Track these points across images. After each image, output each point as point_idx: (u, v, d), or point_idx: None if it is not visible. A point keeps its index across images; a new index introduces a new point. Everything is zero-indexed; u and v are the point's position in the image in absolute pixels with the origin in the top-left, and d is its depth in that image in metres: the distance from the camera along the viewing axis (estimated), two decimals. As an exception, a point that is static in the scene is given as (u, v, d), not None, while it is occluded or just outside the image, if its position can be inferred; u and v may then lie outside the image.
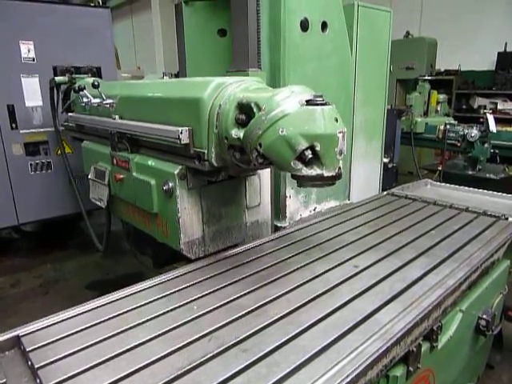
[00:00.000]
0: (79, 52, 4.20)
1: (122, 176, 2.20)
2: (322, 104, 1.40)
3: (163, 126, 1.80)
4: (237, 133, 1.53)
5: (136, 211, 2.24)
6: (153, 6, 12.89)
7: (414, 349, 1.37)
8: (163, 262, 2.57)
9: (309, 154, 1.37)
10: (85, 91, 2.38)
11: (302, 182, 1.44)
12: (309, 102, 1.40)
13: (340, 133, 1.39)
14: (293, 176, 1.46)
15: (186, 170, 1.82)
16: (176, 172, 1.80)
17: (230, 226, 2.07)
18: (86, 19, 4.35)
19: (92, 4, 4.66)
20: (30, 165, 4.23)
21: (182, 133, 1.66)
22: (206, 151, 1.66)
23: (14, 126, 4.08)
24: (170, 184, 1.82)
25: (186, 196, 1.84)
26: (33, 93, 4.12)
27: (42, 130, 4.21)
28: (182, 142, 1.67)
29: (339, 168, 1.43)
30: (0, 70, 3.92)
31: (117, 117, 2.18)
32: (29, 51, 4.04)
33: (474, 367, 2.26)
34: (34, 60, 4.07)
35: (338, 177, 1.44)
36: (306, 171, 1.40)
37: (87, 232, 3.34)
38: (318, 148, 1.37)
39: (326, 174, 1.40)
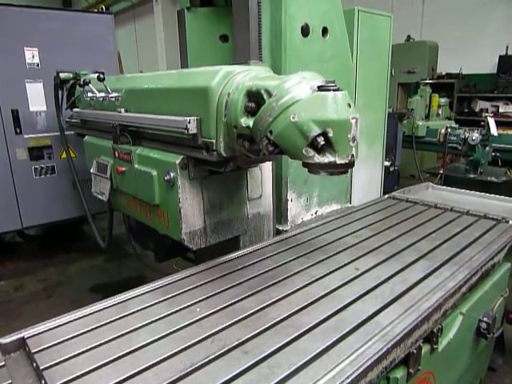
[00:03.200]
0: (83, 57, 4.22)
1: (123, 168, 2.21)
2: (334, 89, 1.36)
3: (171, 117, 1.78)
4: (246, 121, 1.50)
5: (138, 204, 2.25)
6: (155, 12, 12.94)
7: (415, 351, 1.38)
8: (165, 256, 2.59)
9: (321, 140, 1.33)
10: (90, 85, 2.37)
11: (314, 169, 1.41)
12: (321, 88, 1.37)
13: (353, 119, 1.36)
14: (304, 164, 1.42)
15: (187, 159, 1.81)
16: (177, 162, 1.79)
17: (232, 217, 2.08)
18: (89, 25, 4.40)
19: (95, 10, 4.70)
20: (34, 169, 4.26)
21: (189, 122, 1.63)
22: (214, 141, 1.63)
23: (18, 130, 4.12)
24: (172, 174, 1.82)
25: (188, 186, 1.85)
26: (37, 98, 4.16)
27: (45, 134, 4.24)
28: (190, 132, 1.64)
29: (352, 155, 1.38)
30: (5, 75, 3.96)
31: (122, 110, 2.17)
32: (33, 57, 4.09)
33: (476, 370, 2.26)
34: (38, 65, 4.11)
35: (350, 164, 1.40)
36: (318, 158, 1.36)
37: (90, 235, 3.36)
38: (330, 134, 1.33)
39: (339, 161, 1.36)
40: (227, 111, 1.57)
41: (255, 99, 1.49)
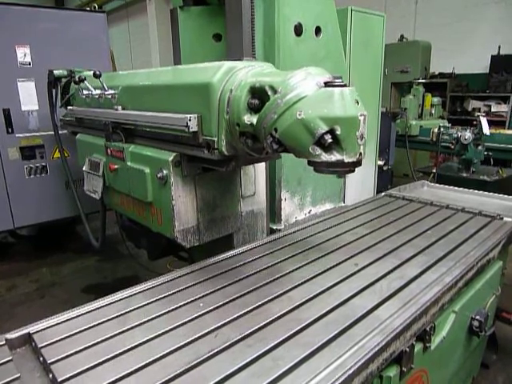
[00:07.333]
0: (75, 56, 4.20)
1: (116, 166, 2.18)
2: (341, 85, 1.32)
3: (170, 114, 1.73)
4: (249, 118, 1.45)
5: (130, 201, 2.23)
6: (149, 11, 12.89)
7: (407, 349, 1.39)
8: (158, 254, 2.57)
9: (328, 138, 1.28)
10: (85, 82, 2.31)
11: (320, 168, 1.36)
12: (327, 84, 1.33)
13: (361, 116, 1.32)
14: (310, 162, 1.38)
15: (180, 157, 1.78)
16: (170, 159, 1.77)
17: (225, 214, 2.07)
18: (82, 24, 4.37)
19: (88, 8, 4.67)
20: (26, 169, 4.23)
21: (190, 120, 1.58)
22: (215, 139, 1.57)
23: (9, 130, 4.08)
24: (164, 171, 1.80)
25: (181, 184, 1.83)
26: (29, 97, 4.12)
27: (37, 133, 4.21)
28: (191, 130, 1.59)
29: (360, 154, 1.34)
30: (-4, 74, 3.93)
31: (119, 107, 2.12)
32: (25, 55, 4.05)
33: (469, 368, 2.29)
34: (30, 64, 4.08)
35: (358, 163, 1.35)
36: (326, 157, 1.32)
37: (83, 235, 3.32)
38: (338, 132, 1.29)
39: (347, 159, 1.32)
40: (229, 108, 1.53)
41: (259, 96, 1.45)
